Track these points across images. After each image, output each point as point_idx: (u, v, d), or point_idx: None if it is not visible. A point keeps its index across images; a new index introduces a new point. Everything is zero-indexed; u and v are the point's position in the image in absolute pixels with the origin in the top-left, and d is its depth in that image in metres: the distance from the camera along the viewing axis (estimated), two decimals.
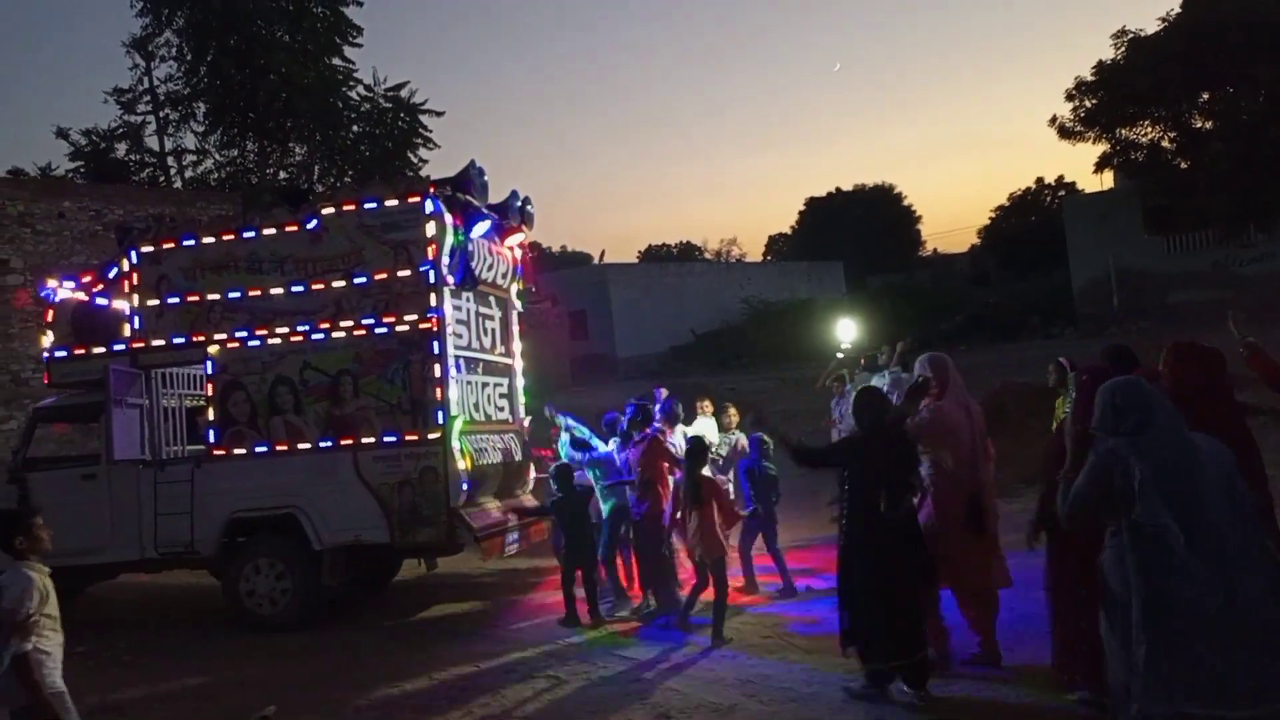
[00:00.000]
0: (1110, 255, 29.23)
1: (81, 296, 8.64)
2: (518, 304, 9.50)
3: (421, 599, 9.05)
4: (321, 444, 7.92)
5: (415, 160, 31.86)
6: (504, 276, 9.06)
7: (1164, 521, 3.48)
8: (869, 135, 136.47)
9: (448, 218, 7.85)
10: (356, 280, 7.96)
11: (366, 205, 8.01)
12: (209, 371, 8.24)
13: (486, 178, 8.44)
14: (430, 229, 7.80)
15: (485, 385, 8.67)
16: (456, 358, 7.98)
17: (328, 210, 8.13)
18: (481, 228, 8.23)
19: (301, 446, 7.97)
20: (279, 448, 8.01)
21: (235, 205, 20.20)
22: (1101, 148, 28.24)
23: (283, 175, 31.00)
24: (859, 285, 43.28)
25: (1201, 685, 3.41)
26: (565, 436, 8.41)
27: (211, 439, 8.17)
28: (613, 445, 8.10)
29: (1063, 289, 31.74)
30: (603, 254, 53.08)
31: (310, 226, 8.11)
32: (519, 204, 8.95)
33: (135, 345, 8.41)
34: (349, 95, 31.08)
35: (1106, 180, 32.34)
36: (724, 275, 44.29)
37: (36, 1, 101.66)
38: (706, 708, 5.41)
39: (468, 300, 8.37)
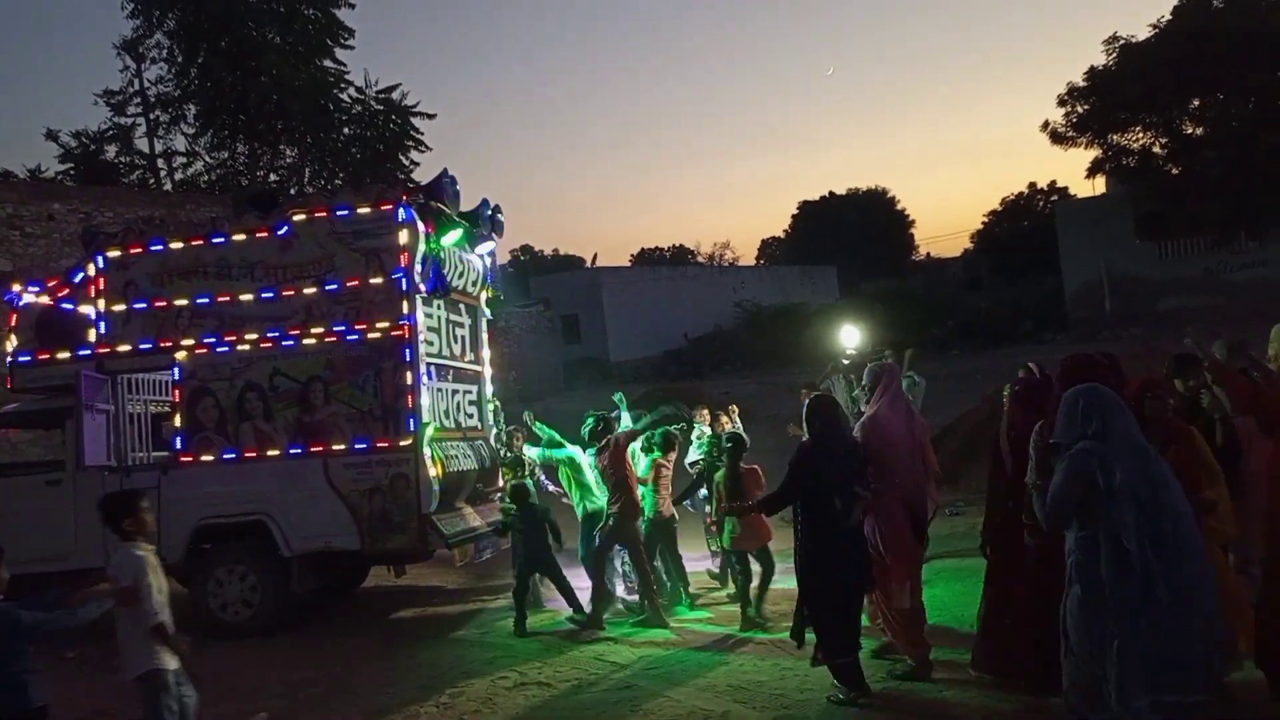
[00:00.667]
0: (1102, 260, 29.35)
1: (47, 301, 8.52)
2: (487, 311, 9.54)
3: (405, 602, 9.00)
4: (291, 450, 7.86)
5: (406, 163, 31.81)
6: (474, 284, 9.11)
7: (1131, 520, 3.68)
8: (862, 139, 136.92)
9: (420, 226, 7.86)
10: (328, 287, 7.93)
11: (338, 212, 8.00)
12: (176, 377, 8.14)
13: (458, 186, 8.47)
14: (402, 237, 7.81)
15: (455, 392, 8.71)
16: (428, 365, 8.00)
17: (299, 217, 8.09)
18: (453, 236, 8.26)
19: (271, 453, 7.93)
20: (248, 454, 7.96)
21: (225, 207, 20.12)
22: (1093, 153, 28.41)
23: (273, 177, 30.92)
24: (852, 289, 43.38)
25: (1168, 674, 3.63)
26: (537, 441, 8.43)
27: (179, 445, 8.14)
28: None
29: (1055, 294, 31.85)
30: (595, 257, 53.15)
31: (281, 233, 8.07)
32: (489, 212, 9.04)
33: (101, 350, 8.30)
34: (340, 98, 31.00)
35: (1099, 185, 32.51)
36: (717, 279, 44.33)
37: (26, 3, 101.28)
38: (699, 714, 5.38)
39: (438, 308, 8.39)
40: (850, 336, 8.87)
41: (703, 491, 8.35)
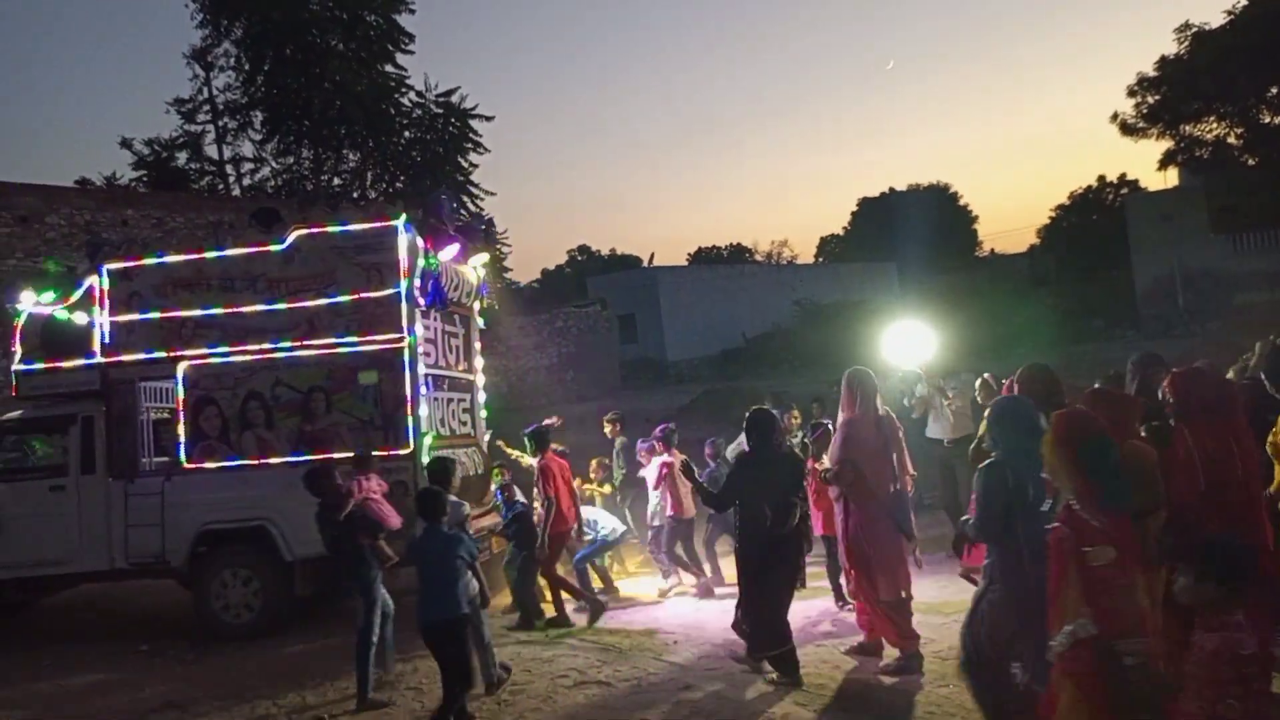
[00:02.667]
0: (1175, 255, 28.45)
1: (52, 310, 8.70)
2: (480, 321, 9.79)
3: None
4: (293, 458, 8.03)
5: (465, 165, 32.26)
6: (468, 295, 9.32)
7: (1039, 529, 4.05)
8: (924, 134, 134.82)
9: (419, 241, 8.06)
10: (329, 300, 8.12)
11: (339, 228, 8.23)
12: (181, 386, 8.31)
13: (455, 204, 8.63)
14: (402, 252, 7.99)
15: (450, 401, 8.90)
16: (426, 376, 8.18)
17: (301, 232, 8.30)
18: (450, 251, 8.46)
19: (273, 460, 8.10)
20: (250, 461, 8.14)
21: (291, 211, 20.59)
22: (1165, 144, 27.63)
23: (337, 181, 31.58)
24: (913, 286, 42.69)
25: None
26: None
27: (183, 453, 8.25)
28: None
29: (1125, 290, 30.97)
30: (652, 257, 53.29)
31: (283, 247, 8.26)
32: (482, 227, 9.42)
33: (106, 360, 8.46)
34: (401, 102, 31.53)
35: (1171, 178, 31.59)
36: (775, 277, 44.03)
37: (100, 16, 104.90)
38: (759, 715, 5.35)
39: (435, 319, 8.60)
40: (921, 341, 8.58)
41: None
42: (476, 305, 9.59)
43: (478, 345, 9.66)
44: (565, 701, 5.90)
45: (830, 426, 7.29)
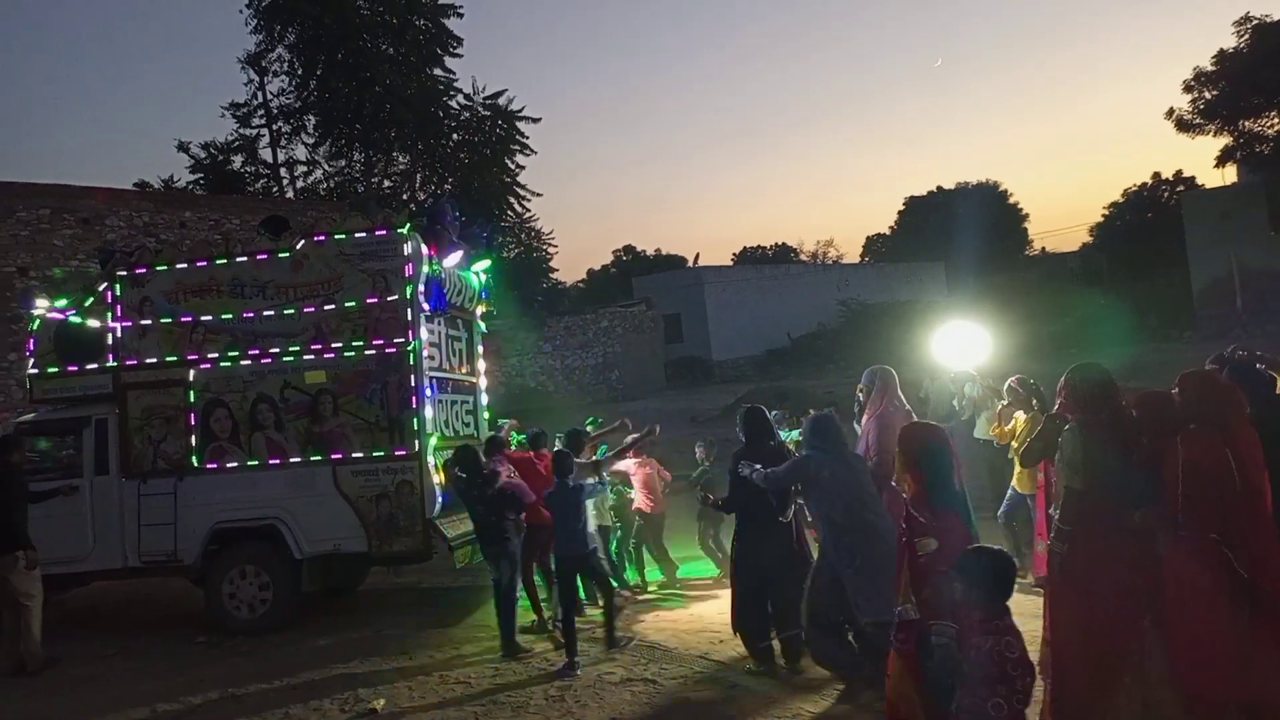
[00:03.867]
0: (1233, 254, 27.74)
1: (65, 315, 8.90)
2: (482, 325, 9.95)
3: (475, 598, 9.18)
4: (301, 459, 8.20)
5: (512, 166, 32.56)
6: (470, 300, 9.48)
7: (841, 508, 5.47)
8: (973, 132, 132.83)
9: (423, 248, 8.24)
10: (336, 305, 8.29)
11: (346, 235, 8.39)
12: (192, 390, 8.48)
13: (459, 211, 9.01)
14: (407, 258, 8.16)
15: (454, 403, 9.06)
16: (430, 379, 8.34)
17: (309, 239, 8.48)
18: (454, 257, 8.66)
19: (283, 460, 8.22)
20: (261, 462, 8.31)
21: (342, 213, 20.97)
22: (1223, 141, 26.96)
23: (386, 184, 32.06)
24: (962, 286, 42.12)
25: (870, 602, 5.24)
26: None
27: (195, 454, 8.41)
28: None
29: (1181, 290, 30.27)
30: (697, 257, 52.97)
31: (291, 253, 8.43)
32: (484, 234, 9.60)
33: (117, 364, 8.64)
34: (449, 105, 31.93)
35: (1229, 175, 30.78)
36: (821, 277, 43.74)
37: (158, 23, 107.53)
38: (804, 715, 5.37)
39: (439, 324, 8.72)
40: (977, 342, 8.46)
41: None
42: (479, 309, 9.77)
43: (480, 349, 9.86)
44: (612, 698, 5.96)
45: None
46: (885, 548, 5.13)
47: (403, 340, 8.15)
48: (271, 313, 8.37)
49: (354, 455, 8.14)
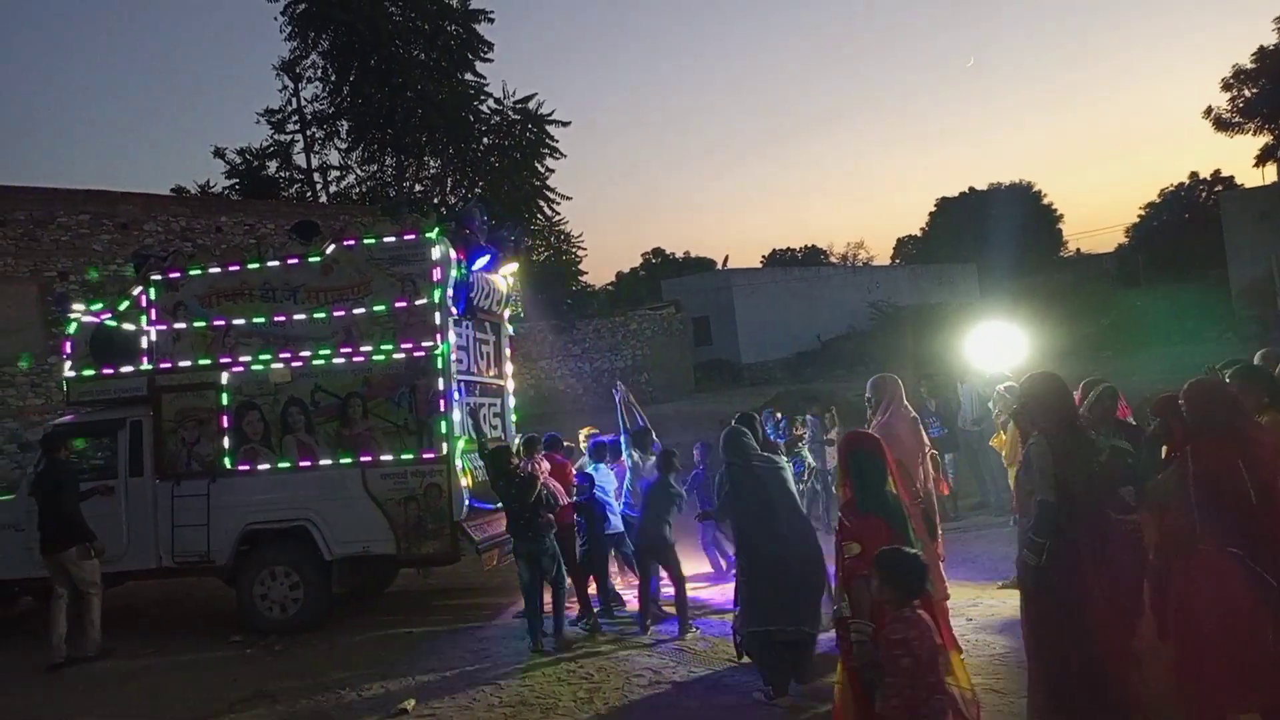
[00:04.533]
0: (1273, 254, 27.20)
1: (100, 319, 9.05)
2: (509, 328, 9.98)
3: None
4: (331, 461, 8.29)
5: (542, 170, 32.70)
6: (498, 303, 9.52)
7: (750, 516, 5.85)
8: (1005, 132, 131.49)
9: (451, 253, 8.31)
10: (365, 309, 8.37)
11: (375, 240, 8.46)
12: (225, 393, 8.56)
13: (486, 216, 9.06)
14: (435, 262, 8.23)
15: (481, 406, 9.13)
16: (458, 382, 8.37)
17: (339, 243, 8.57)
18: (481, 261, 8.72)
19: (313, 463, 8.34)
20: (291, 464, 8.41)
21: (374, 217, 21.18)
22: (1263, 139, 26.52)
23: (418, 188, 32.34)
24: (995, 288, 41.66)
25: (769, 612, 5.64)
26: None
27: (227, 456, 8.52)
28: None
29: (1220, 291, 29.73)
30: (726, 259, 52.95)
31: (321, 258, 8.52)
32: (512, 238, 9.61)
33: (152, 367, 8.76)
34: (480, 109, 32.14)
35: (1269, 174, 30.22)
36: (851, 279, 43.44)
37: (195, 30, 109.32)
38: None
39: (466, 327, 8.79)
40: (1009, 347, 8.36)
41: None
42: (507, 313, 9.81)
43: (508, 352, 9.91)
44: (640, 701, 5.96)
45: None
46: (773, 560, 5.64)
47: (431, 344, 8.22)
48: (302, 316, 8.48)
49: (383, 458, 8.21)
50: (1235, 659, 3.97)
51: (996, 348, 8.42)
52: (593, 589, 8.01)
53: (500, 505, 7.75)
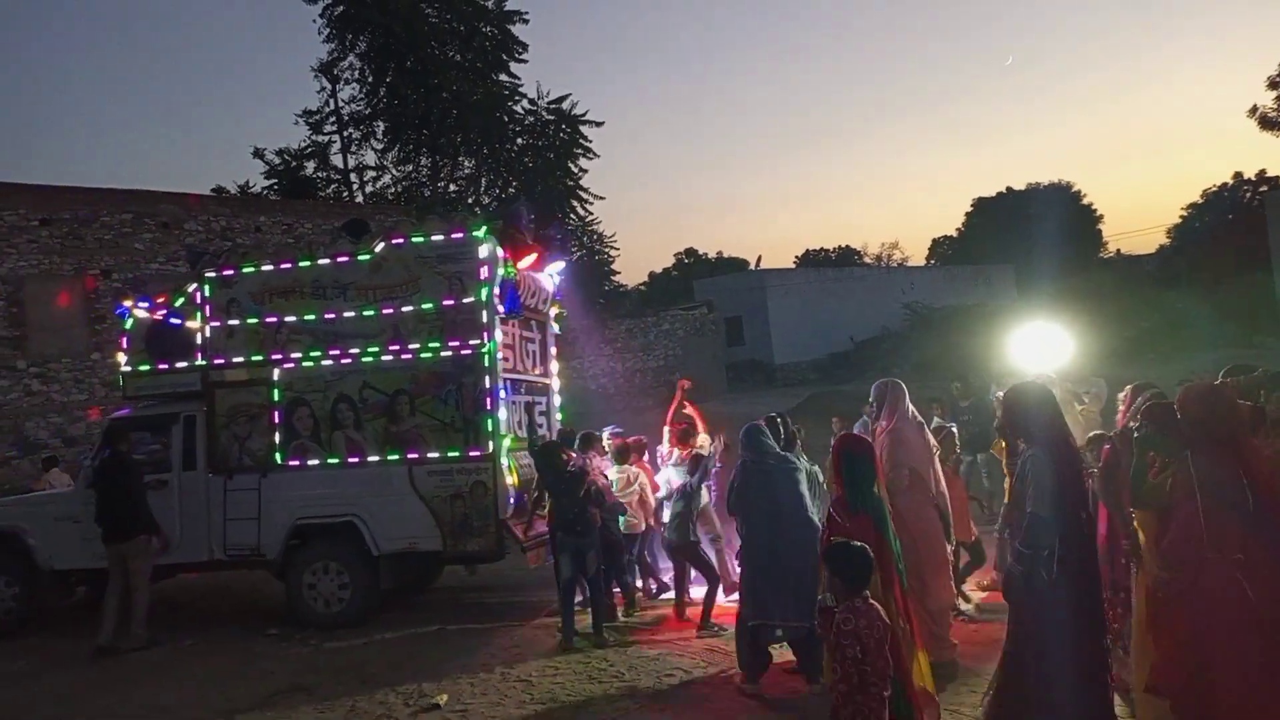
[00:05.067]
0: None
1: (155, 316, 9.19)
2: (555, 326, 10.01)
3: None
4: (379, 458, 8.37)
5: (575, 170, 32.82)
6: (544, 302, 9.57)
7: (756, 510, 5.94)
8: (1044, 131, 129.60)
9: (498, 250, 8.34)
10: (413, 306, 8.43)
11: (424, 238, 8.53)
12: (276, 389, 8.66)
13: (533, 215, 9.13)
14: (483, 261, 8.28)
15: (527, 404, 9.17)
16: (504, 380, 8.41)
17: (388, 242, 8.63)
18: (528, 259, 8.75)
19: (362, 459, 8.42)
20: (340, 460, 8.47)
21: (410, 217, 21.37)
22: None
23: (453, 188, 32.58)
24: (1032, 289, 41.12)
25: (759, 604, 5.82)
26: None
27: (277, 451, 8.62)
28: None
29: (1265, 294, 29.11)
30: (759, 259, 52.81)
31: (371, 256, 8.59)
32: (558, 236, 9.73)
33: (206, 363, 8.89)
34: (514, 109, 32.34)
35: None
36: (885, 280, 43.11)
37: (234, 33, 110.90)
38: None
39: (513, 325, 8.84)
40: (1053, 348, 8.23)
41: None
42: (552, 311, 9.85)
43: (554, 350, 9.94)
44: (671, 699, 5.96)
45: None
46: (771, 555, 5.79)
47: (478, 342, 8.26)
48: (351, 314, 8.56)
49: (429, 455, 8.27)
50: (1246, 679, 3.87)
51: (1039, 349, 8.31)
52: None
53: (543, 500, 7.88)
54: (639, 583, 8.73)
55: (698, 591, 7.92)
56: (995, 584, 7.10)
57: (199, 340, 8.95)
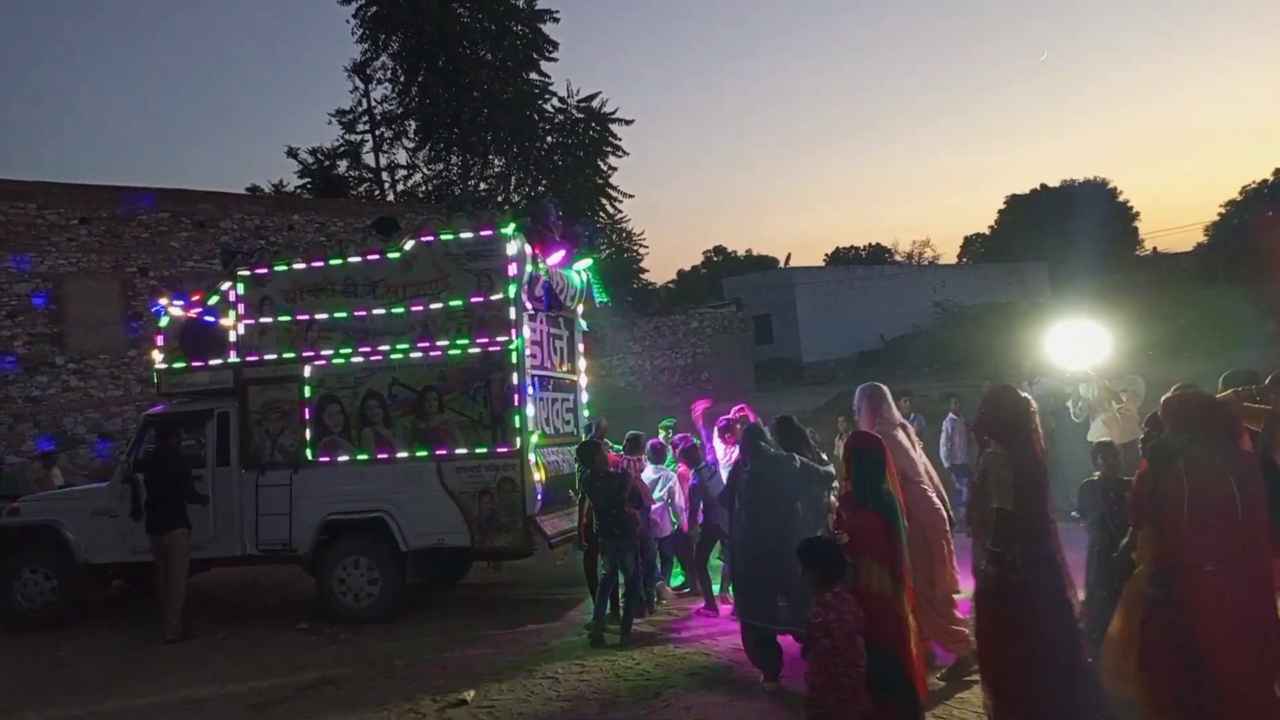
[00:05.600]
0: None
1: (190, 314, 9.30)
2: (583, 323, 10.02)
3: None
4: (408, 454, 8.41)
5: (605, 168, 32.86)
6: (572, 299, 9.53)
7: (745, 504, 6.02)
8: (1079, 127, 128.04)
9: (527, 248, 8.39)
10: (443, 304, 8.43)
11: (453, 235, 8.56)
12: (307, 385, 8.72)
13: (561, 212, 9.13)
14: (511, 258, 8.31)
15: (554, 401, 9.17)
16: (532, 377, 8.45)
17: (417, 239, 8.67)
18: (556, 256, 8.78)
19: (391, 455, 8.47)
20: (370, 456, 8.51)
21: (441, 215, 21.51)
22: None
23: (483, 186, 32.73)
24: (1066, 287, 40.56)
25: (749, 605, 5.93)
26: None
27: (309, 447, 8.68)
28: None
29: None
30: (789, 257, 52.48)
31: (401, 254, 8.63)
32: (586, 233, 9.70)
33: (239, 360, 8.97)
34: (544, 108, 32.44)
35: None
36: (915, 278, 42.76)
37: (269, 35, 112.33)
38: None
39: (541, 322, 8.89)
40: (1091, 346, 8.11)
41: None
42: (580, 308, 9.84)
43: (581, 347, 9.95)
44: (698, 700, 5.94)
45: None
46: (752, 555, 5.87)
47: (506, 339, 8.30)
48: (381, 311, 8.61)
49: (458, 452, 8.32)
50: (1235, 688, 3.87)
51: (1076, 346, 8.21)
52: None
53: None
54: (670, 585, 8.74)
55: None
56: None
57: (232, 338, 9.05)
